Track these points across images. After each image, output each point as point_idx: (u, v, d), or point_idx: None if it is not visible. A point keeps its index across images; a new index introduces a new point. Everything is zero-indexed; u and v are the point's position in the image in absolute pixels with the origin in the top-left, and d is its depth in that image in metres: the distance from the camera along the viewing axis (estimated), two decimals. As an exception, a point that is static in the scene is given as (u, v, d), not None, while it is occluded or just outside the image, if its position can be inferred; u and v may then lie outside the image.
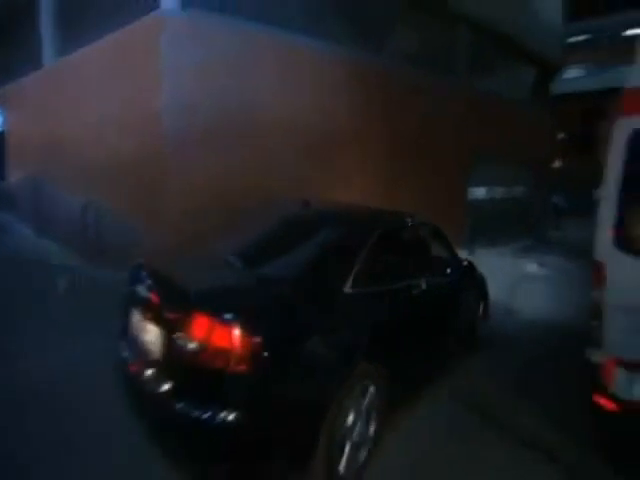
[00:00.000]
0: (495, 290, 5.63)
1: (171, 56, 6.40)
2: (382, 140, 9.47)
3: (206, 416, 2.15)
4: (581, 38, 27.00)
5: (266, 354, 2.19)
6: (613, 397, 2.72)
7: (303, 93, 8.15)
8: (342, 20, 9.13)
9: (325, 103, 8.54)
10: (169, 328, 2.35)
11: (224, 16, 7.12)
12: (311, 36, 8.30)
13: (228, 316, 2.21)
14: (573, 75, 26.95)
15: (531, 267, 9.82)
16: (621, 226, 2.82)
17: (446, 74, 11.67)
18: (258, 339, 2.18)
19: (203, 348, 2.18)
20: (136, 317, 2.71)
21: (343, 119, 8.78)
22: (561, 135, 21.81)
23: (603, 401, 2.76)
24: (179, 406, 2.23)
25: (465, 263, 4.94)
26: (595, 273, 2.88)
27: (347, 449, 2.59)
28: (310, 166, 8.18)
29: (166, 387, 2.31)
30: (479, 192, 12.95)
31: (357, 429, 2.66)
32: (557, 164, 20.09)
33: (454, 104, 11.43)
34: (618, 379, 2.72)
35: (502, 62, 14.29)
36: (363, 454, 2.74)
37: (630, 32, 25.85)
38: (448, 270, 4.26)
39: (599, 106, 25.79)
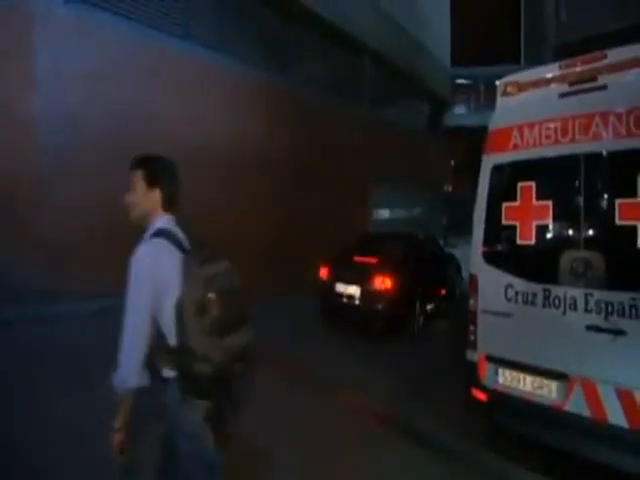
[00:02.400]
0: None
1: (48, 57, 5.65)
2: (290, 162, 9.65)
3: (372, 307, 6.26)
4: (465, 81, 30.50)
5: (395, 289, 6.22)
6: (484, 388, 3.15)
7: (207, 110, 7.98)
8: (253, 41, 9.29)
9: (232, 121, 8.48)
10: (362, 284, 6.37)
11: (118, 18, 6.57)
12: (219, 52, 8.24)
13: (385, 275, 6.26)
14: (460, 112, 30.27)
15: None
16: (487, 243, 3.32)
17: (352, 102, 12.44)
18: (393, 282, 6.22)
19: (377, 286, 6.27)
20: (340, 285, 6.64)
21: (250, 138, 8.78)
22: (451, 163, 24.22)
23: (477, 393, 3.18)
24: (363, 305, 6.36)
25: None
26: (471, 285, 3.34)
27: (419, 319, 6.74)
28: (213, 185, 7.99)
29: (358, 302, 6.40)
30: (384, 213, 13.88)
31: (419, 311, 6.71)
32: (448, 189, 22.21)
33: (359, 130, 12.19)
34: (487, 372, 3.16)
35: (402, 95, 15.60)
36: (422, 320, 6.81)
37: (498, 82, 30.15)
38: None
39: (481, 140, 29.28)
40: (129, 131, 6.77)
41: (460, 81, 29.12)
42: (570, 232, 2.93)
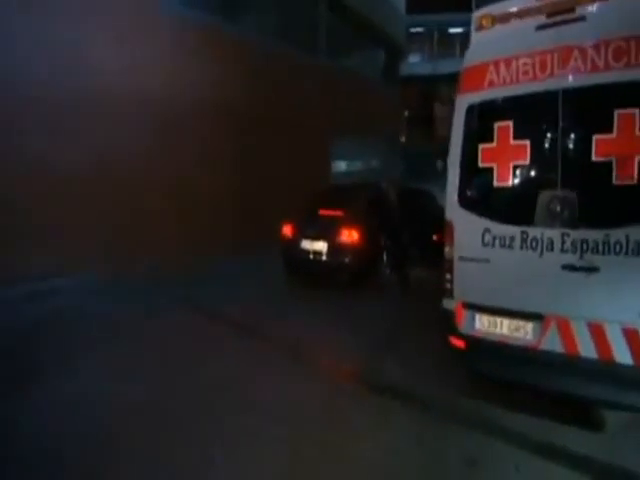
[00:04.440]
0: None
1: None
2: (239, 111, 8.94)
3: (340, 261, 6.13)
4: (419, 29, 29.56)
5: (362, 241, 6.07)
6: (462, 336, 3.09)
7: (147, 58, 7.23)
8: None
9: (176, 70, 7.73)
10: (329, 238, 6.19)
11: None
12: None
13: (352, 227, 6.11)
14: (414, 61, 29.60)
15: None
16: (462, 188, 3.15)
17: (307, 51, 11.65)
18: (360, 235, 6.07)
19: (344, 239, 6.09)
20: (305, 242, 6.43)
21: (198, 88, 8.06)
22: (405, 113, 23.92)
23: (455, 341, 3.12)
24: (330, 260, 6.20)
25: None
26: (446, 232, 3.19)
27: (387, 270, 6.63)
28: (155, 139, 7.39)
29: (325, 257, 6.22)
30: (341, 165, 13.57)
31: (387, 262, 6.60)
32: (402, 138, 22.06)
33: (315, 80, 11.53)
34: (464, 319, 3.10)
35: (357, 43, 14.83)
36: (389, 271, 6.65)
37: (453, 30, 29.74)
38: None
39: (433, 89, 29.11)
40: (54, 79, 5.97)
41: (414, 29, 28.18)
42: (547, 172, 2.80)
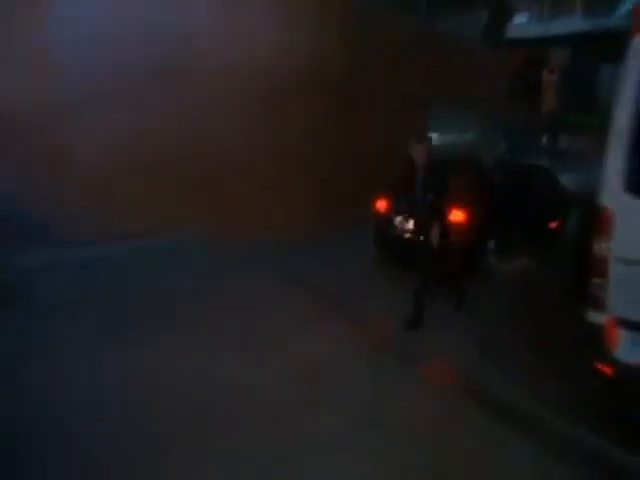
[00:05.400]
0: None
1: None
2: (339, 80, 8.30)
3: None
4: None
5: (468, 220, 5.31)
6: (613, 361, 2.33)
7: (247, 24, 6.93)
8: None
9: (274, 36, 7.32)
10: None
11: None
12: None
13: (459, 207, 5.23)
14: (519, 21, 26.15)
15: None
16: (632, 166, 2.30)
17: (405, 11, 10.57)
18: (465, 214, 5.30)
19: (450, 219, 4.80)
20: (400, 219, 5.75)
21: (294, 54, 7.58)
22: (508, 80, 21.29)
23: (603, 367, 2.36)
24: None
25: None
26: (601, 222, 2.37)
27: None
28: (256, 106, 7.11)
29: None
30: (440, 137, 12.44)
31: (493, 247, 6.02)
32: (504, 109, 19.72)
33: (414, 44, 10.46)
34: (619, 340, 2.32)
35: (460, 0, 13.25)
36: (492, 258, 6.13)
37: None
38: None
39: (540, 54, 25.61)
40: (157, 51, 5.90)
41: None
42: None
